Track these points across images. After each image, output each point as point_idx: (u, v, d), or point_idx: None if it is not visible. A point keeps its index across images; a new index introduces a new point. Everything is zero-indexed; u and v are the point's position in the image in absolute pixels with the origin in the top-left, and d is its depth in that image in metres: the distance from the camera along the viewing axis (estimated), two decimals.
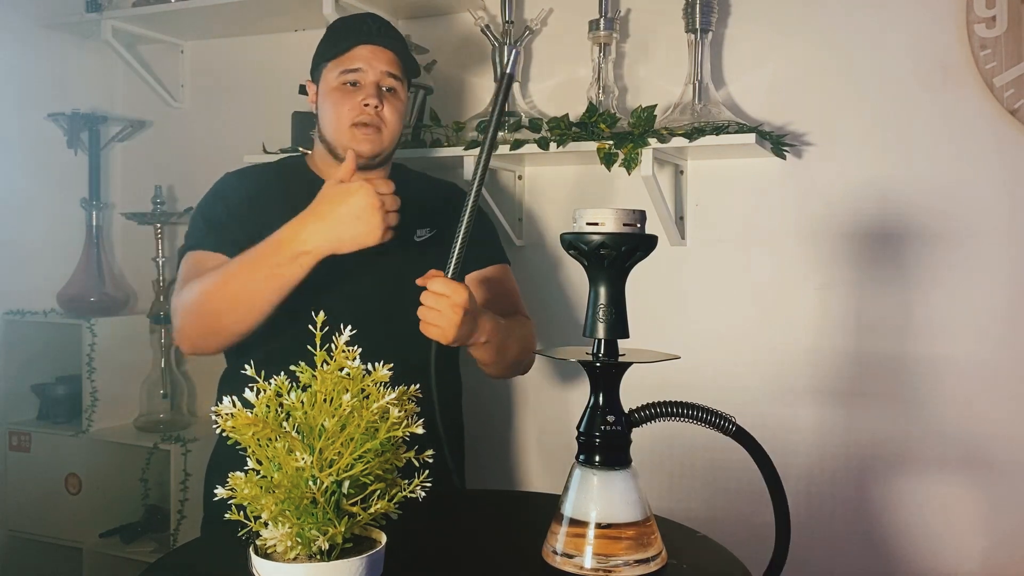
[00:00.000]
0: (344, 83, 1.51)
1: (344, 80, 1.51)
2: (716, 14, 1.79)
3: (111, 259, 2.47)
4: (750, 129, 1.68)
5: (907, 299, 1.74)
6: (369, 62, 1.50)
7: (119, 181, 2.57)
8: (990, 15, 1.67)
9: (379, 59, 1.51)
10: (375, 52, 1.51)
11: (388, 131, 1.53)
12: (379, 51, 1.52)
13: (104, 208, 2.45)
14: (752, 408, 1.83)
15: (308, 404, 0.84)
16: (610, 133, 1.74)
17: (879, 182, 1.76)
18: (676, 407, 0.98)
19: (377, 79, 1.51)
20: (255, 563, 0.82)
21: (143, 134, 2.53)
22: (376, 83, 1.51)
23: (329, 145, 1.53)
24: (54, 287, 2.33)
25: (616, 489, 0.96)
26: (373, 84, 1.50)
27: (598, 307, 0.96)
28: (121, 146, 2.55)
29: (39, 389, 2.35)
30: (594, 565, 0.93)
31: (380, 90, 1.51)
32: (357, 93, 1.50)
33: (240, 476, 0.82)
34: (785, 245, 1.84)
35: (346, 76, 1.50)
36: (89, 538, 2.24)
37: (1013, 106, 1.66)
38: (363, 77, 1.50)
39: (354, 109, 1.49)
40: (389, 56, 1.52)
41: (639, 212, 0.95)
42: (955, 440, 1.71)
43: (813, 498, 1.80)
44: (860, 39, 1.77)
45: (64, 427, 2.29)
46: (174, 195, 2.47)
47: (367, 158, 1.52)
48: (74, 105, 2.41)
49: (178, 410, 2.35)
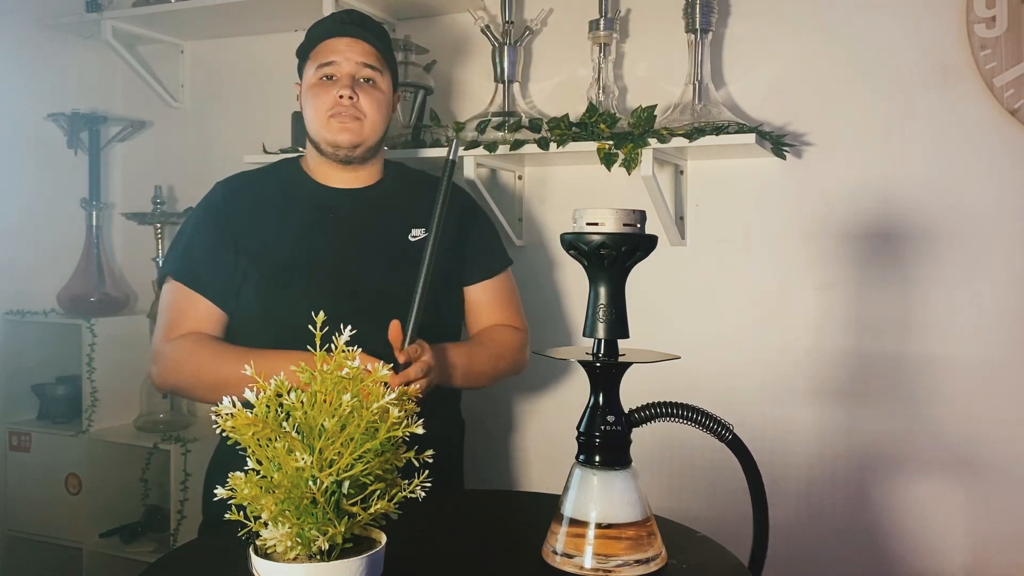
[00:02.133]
0: (321, 77, 1.51)
1: (321, 75, 1.51)
2: (716, 14, 1.79)
3: (111, 259, 2.47)
4: (750, 129, 1.68)
5: (907, 299, 1.74)
6: (343, 54, 1.51)
7: (119, 181, 2.57)
8: (990, 15, 1.67)
9: (353, 50, 1.52)
10: (349, 44, 1.52)
11: (369, 121, 1.52)
12: (353, 42, 1.52)
13: (104, 208, 2.45)
14: (752, 408, 1.84)
15: (308, 404, 0.84)
16: (610, 133, 1.74)
17: (879, 182, 1.76)
18: (676, 408, 0.98)
19: (352, 71, 1.51)
20: (255, 563, 0.82)
21: (143, 134, 2.53)
22: (351, 75, 1.51)
23: (313, 140, 1.54)
24: (54, 287, 2.33)
25: (616, 489, 0.96)
26: (348, 76, 1.51)
27: (598, 307, 0.96)
28: (121, 146, 2.55)
29: (39, 389, 2.35)
30: (594, 565, 0.93)
31: (355, 81, 1.51)
32: (333, 86, 1.51)
33: (240, 476, 0.82)
34: (785, 245, 1.84)
35: (322, 70, 1.51)
36: (89, 538, 2.24)
37: (1013, 106, 1.66)
38: (338, 70, 1.51)
39: (329, 101, 1.50)
40: (363, 47, 1.52)
41: (639, 212, 0.95)
42: (955, 440, 1.71)
43: (813, 498, 1.80)
44: (860, 39, 1.77)
45: (64, 427, 2.29)
46: (174, 195, 2.47)
47: (347, 148, 1.52)
48: (74, 105, 2.41)
49: (178, 410, 2.35)
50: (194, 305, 1.48)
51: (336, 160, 1.54)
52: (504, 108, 1.92)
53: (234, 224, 1.51)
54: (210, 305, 1.49)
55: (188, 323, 1.48)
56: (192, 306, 1.48)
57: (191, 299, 1.49)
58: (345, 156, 1.53)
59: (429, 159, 1.91)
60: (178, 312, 1.49)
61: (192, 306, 1.48)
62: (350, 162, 1.55)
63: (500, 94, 1.93)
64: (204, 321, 1.48)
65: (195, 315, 1.48)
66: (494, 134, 1.87)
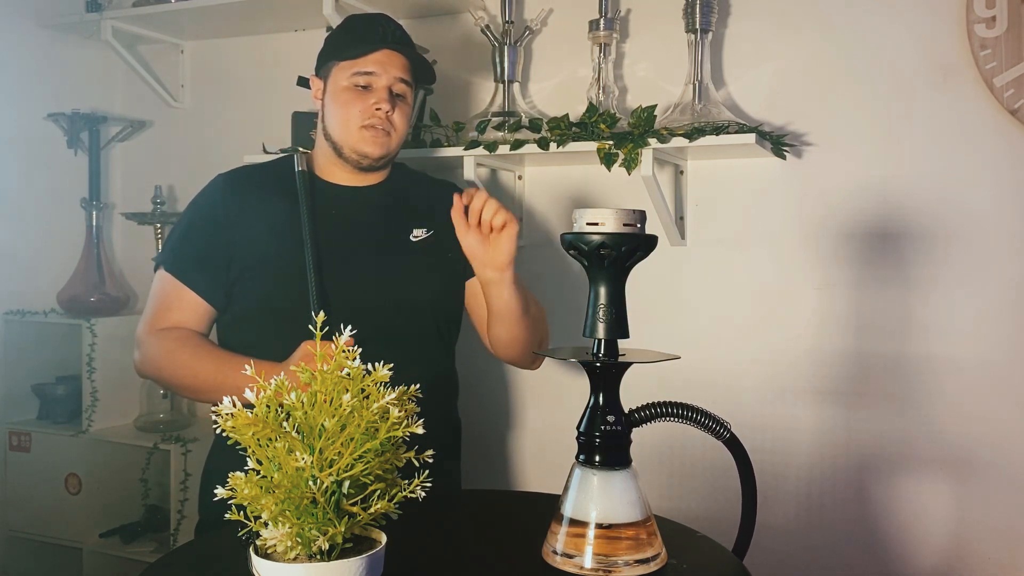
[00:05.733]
0: (355, 85, 1.50)
1: (356, 82, 1.50)
2: (716, 14, 1.79)
3: (111, 259, 2.47)
4: (750, 129, 1.68)
5: (907, 299, 1.74)
6: (384, 67, 1.50)
7: (119, 181, 2.57)
8: (990, 15, 1.67)
9: (394, 64, 1.50)
10: (390, 57, 1.51)
11: (396, 135, 1.53)
12: (394, 56, 1.51)
13: (104, 208, 2.45)
14: (752, 408, 1.84)
15: (308, 404, 0.84)
16: (610, 133, 1.74)
17: (879, 182, 1.76)
18: (675, 408, 0.98)
19: (389, 84, 1.50)
20: (255, 563, 0.82)
21: (143, 134, 2.53)
22: (388, 88, 1.50)
23: (335, 144, 1.53)
24: (54, 287, 2.33)
25: (616, 489, 0.96)
26: (385, 89, 1.50)
27: (598, 307, 0.96)
28: (121, 146, 2.55)
29: (39, 389, 2.35)
30: (594, 565, 0.93)
31: (392, 95, 1.51)
32: (369, 96, 1.49)
33: (240, 476, 0.82)
34: (785, 245, 1.84)
35: (358, 79, 1.49)
36: (89, 538, 2.24)
37: (1013, 106, 1.66)
38: (376, 81, 1.50)
39: (365, 112, 1.49)
40: (403, 62, 1.52)
41: (639, 212, 0.95)
42: (955, 440, 1.71)
43: (813, 498, 1.80)
44: (860, 39, 1.77)
45: (64, 427, 2.29)
46: (174, 195, 2.47)
47: (373, 159, 1.52)
48: (74, 105, 2.41)
49: (178, 410, 2.35)
50: (180, 298, 1.50)
51: (358, 168, 1.54)
52: (504, 108, 1.92)
53: (232, 218, 1.51)
54: (197, 299, 1.49)
55: (172, 315, 1.49)
56: (178, 299, 1.50)
57: (179, 291, 1.50)
58: (369, 165, 1.53)
59: (429, 159, 1.91)
60: (164, 303, 1.50)
61: (178, 299, 1.50)
62: (371, 170, 1.55)
63: (500, 94, 1.93)
64: (189, 314, 1.50)
65: (180, 308, 1.49)
66: (494, 134, 1.87)
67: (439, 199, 1.66)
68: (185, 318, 1.49)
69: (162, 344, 1.47)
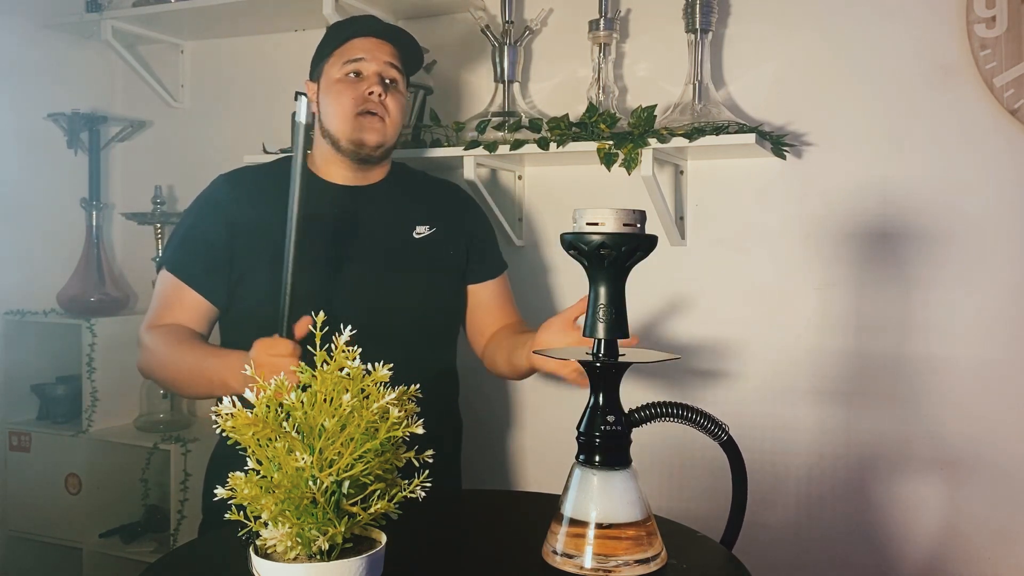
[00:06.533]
0: (347, 74, 1.52)
1: (347, 71, 1.52)
2: (716, 14, 1.79)
3: (111, 259, 2.47)
4: (750, 129, 1.68)
5: (907, 299, 1.74)
6: (371, 52, 1.52)
7: (119, 181, 2.57)
8: (990, 15, 1.67)
9: (381, 50, 1.53)
10: (376, 44, 1.53)
11: (392, 122, 1.54)
12: (380, 43, 1.54)
13: (104, 208, 2.45)
14: (752, 408, 1.84)
15: (308, 404, 0.84)
16: (610, 133, 1.74)
17: (879, 182, 1.76)
18: (675, 408, 0.98)
19: (379, 69, 1.52)
20: (255, 563, 0.82)
21: (143, 134, 2.53)
22: (379, 73, 1.52)
23: (332, 138, 1.53)
24: (54, 287, 2.33)
25: (616, 489, 0.96)
26: (376, 74, 1.52)
27: (598, 307, 0.96)
28: (121, 146, 2.55)
29: (39, 389, 2.35)
30: (594, 565, 0.93)
31: (383, 80, 1.52)
32: (361, 83, 1.51)
33: (240, 476, 0.82)
34: (785, 245, 1.84)
35: (349, 66, 1.52)
36: (89, 538, 2.24)
37: (1013, 106, 1.66)
38: (366, 67, 1.52)
39: (358, 98, 1.50)
40: (390, 48, 1.54)
41: (639, 212, 0.95)
42: (955, 440, 1.71)
43: (813, 498, 1.80)
44: (860, 39, 1.77)
45: (64, 427, 2.29)
46: (174, 195, 2.47)
47: (371, 148, 1.52)
48: (74, 105, 2.41)
49: (178, 410, 2.35)
50: (180, 297, 1.51)
51: (355, 160, 1.54)
52: (504, 108, 1.92)
53: (233, 218, 1.52)
54: (197, 298, 1.51)
55: (172, 314, 1.51)
56: (178, 298, 1.51)
57: (179, 290, 1.51)
58: (367, 155, 1.53)
59: (429, 159, 1.91)
60: (165, 303, 1.52)
61: (178, 298, 1.51)
62: (368, 162, 1.55)
63: (500, 94, 1.93)
64: (189, 313, 1.51)
65: (180, 307, 1.51)
66: (494, 134, 1.87)
67: (441, 197, 1.67)
68: (185, 317, 1.50)
69: (153, 340, 1.49)
